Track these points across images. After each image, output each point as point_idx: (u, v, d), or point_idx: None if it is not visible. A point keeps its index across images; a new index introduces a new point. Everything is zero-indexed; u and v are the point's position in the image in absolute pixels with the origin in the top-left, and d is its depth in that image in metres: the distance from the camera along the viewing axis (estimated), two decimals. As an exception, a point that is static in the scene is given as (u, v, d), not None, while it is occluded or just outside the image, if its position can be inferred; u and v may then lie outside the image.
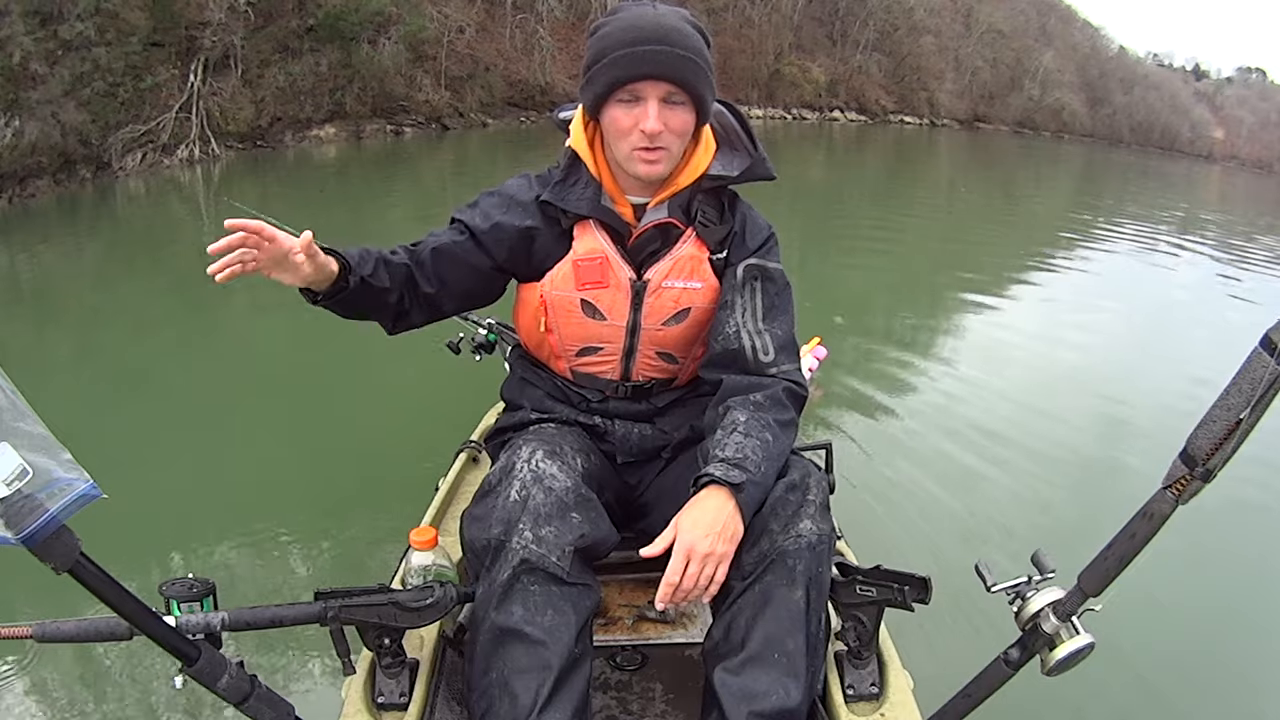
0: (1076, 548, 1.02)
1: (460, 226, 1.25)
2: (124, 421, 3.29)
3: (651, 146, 1.13)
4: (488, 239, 1.22)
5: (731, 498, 1.02)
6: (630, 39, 1.09)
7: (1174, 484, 0.84)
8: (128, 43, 11.85)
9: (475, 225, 1.23)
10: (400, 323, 1.25)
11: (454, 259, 1.22)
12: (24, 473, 0.70)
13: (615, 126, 1.14)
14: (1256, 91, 55.76)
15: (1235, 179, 31.50)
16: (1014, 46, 38.71)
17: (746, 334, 1.18)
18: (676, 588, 1.00)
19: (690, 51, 1.10)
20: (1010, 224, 10.59)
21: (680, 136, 1.15)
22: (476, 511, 1.07)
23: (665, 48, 1.08)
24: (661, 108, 1.11)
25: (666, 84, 1.10)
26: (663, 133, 1.12)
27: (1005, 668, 0.98)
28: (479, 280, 1.26)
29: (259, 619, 0.98)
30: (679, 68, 1.09)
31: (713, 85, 1.14)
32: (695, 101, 1.13)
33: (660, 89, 1.10)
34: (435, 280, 1.22)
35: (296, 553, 2.43)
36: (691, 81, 1.10)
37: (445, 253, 1.22)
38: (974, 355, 4.71)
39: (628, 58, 1.09)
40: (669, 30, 1.09)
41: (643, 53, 1.08)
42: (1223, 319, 6.14)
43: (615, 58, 1.09)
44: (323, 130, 15.12)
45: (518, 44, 19.60)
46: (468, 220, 1.24)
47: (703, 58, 1.12)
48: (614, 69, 1.10)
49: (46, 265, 6.78)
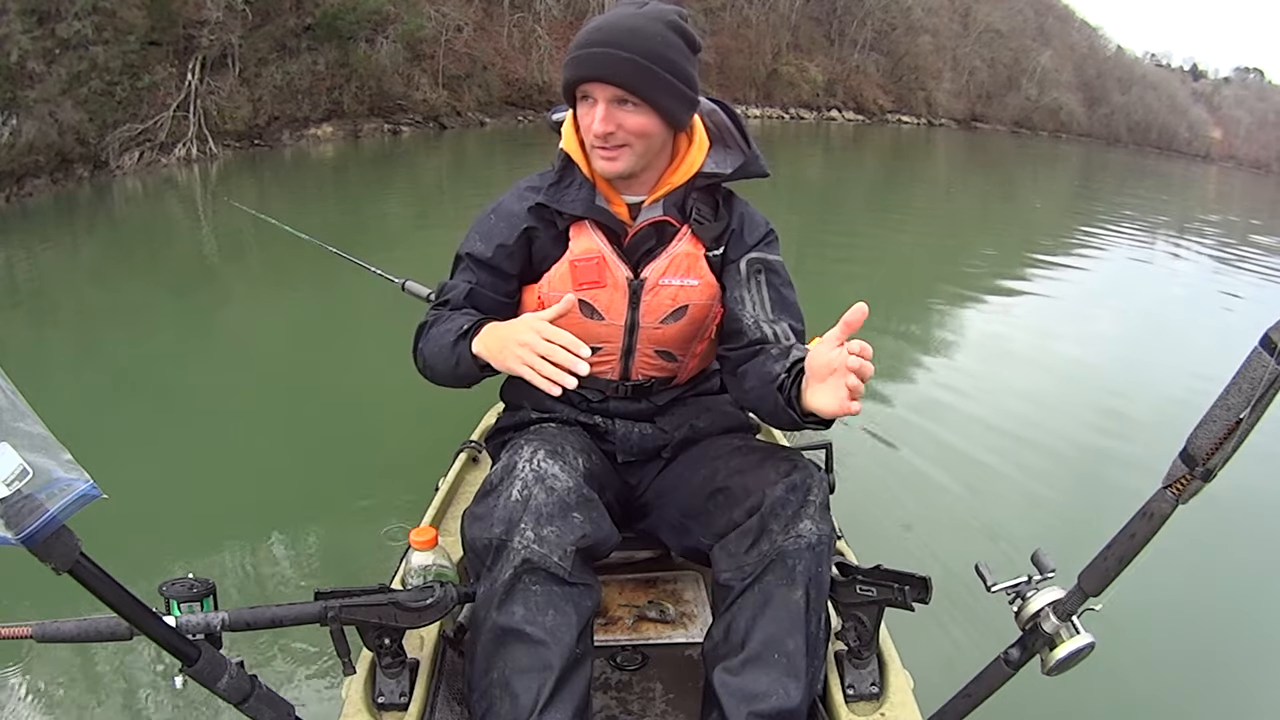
0: (1077, 548, 1.03)
1: (468, 263, 1.26)
2: (124, 421, 3.28)
3: (607, 145, 1.13)
4: (497, 262, 1.24)
5: None
6: (585, 40, 1.11)
7: (1174, 484, 0.84)
8: (125, 41, 11.83)
9: (481, 255, 1.24)
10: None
11: (483, 294, 1.24)
12: (24, 473, 0.70)
13: (581, 124, 1.16)
14: (1254, 92, 55.83)
15: (1233, 179, 31.54)
16: (1011, 46, 38.74)
17: (767, 324, 1.19)
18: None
19: (641, 55, 1.08)
20: (1009, 224, 10.59)
21: (640, 137, 1.13)
22: (478, 511, 1.07)
23: (611, 50, 1.08)
24: (613, 109, 1.11)
25: (611, 87, 1.10)
26: (615, 132, 1.12)
27: (1005, 667, 0.99)
28: (512, 304, 1.27)
29: (259, 619, 0.98)
30: (622, 71, 1.08)
31: (674, 89, 1.12)
32: (650, 106, 1.11)
33: (607, 91, 1.11)
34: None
35: (296, 553, 2.43)
36: (636, 86, 1.09)
37: (476, 292, 1.24)
38: (974, 355, 4.71)
39: (578, 59, 1.11)
40: (626, 33, 1.09)
41: (588, 55, 1.09)
42: (1222, 318, 6.15)
43: (570, 58, 1.12)
44: (320, 129, 15.10)
45: (515, 43, 19.59)
46: (474, 252, 1.25)
47: (660, 60, 1.09)
48: (568, 69, 1.13)
49: (44, 264, 6.76)
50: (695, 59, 1.15)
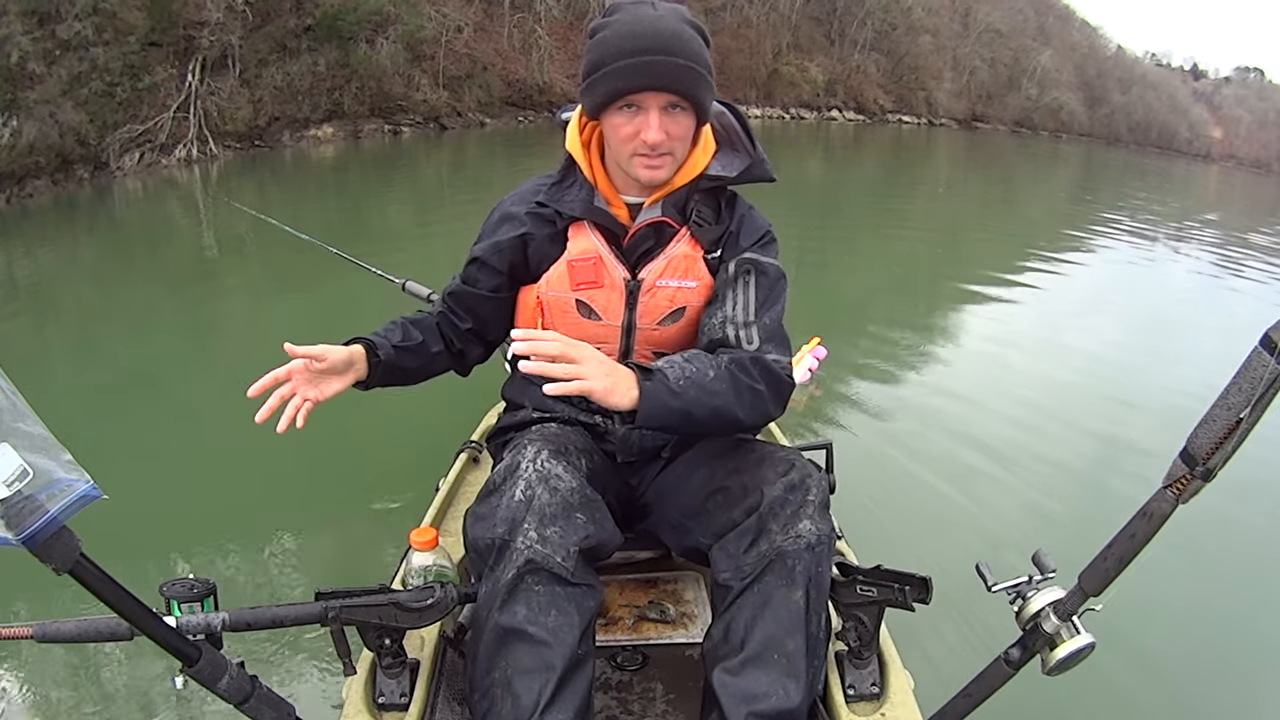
0: (1077, 547, 1.02)
1: (471, 259, 1.31)
2: (124, 422, 3.29)
3: (655, 153, 1.13)
4: (494, 260, 1.27)
5: (632, 376, 1.01)
6: (630, 48, 1.07)
7: (1174, 483, 0.84)
8: (125, 42, 11.84)
9: (483, 254, 1.28)
10: (463, 363, 1.38)
11: (469, 293, 1.31)
12: (24, 473, 0.70)
13: (617, 134, 1.14)
14: (1255, 91, 55.81)
15: (1233, 178, 31.52)
16: (1012, 46, 38.73)
17: (733, 326, 1.17)
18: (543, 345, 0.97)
19: (691, 59, 1.09)
20: (1009, 224, 10.58)
21: (682, 141, 1.15)
22: (480, 510, 1.07)
23: (666, 58, 1.07)
24: (662, 116, 1.11)
25: (668, 94, 1.10)
26: (664, 140, 1.12)
27: (1006, 667, 0.98)
28: (504, 301, 1.32)
29: (259, 619, 0.98)
30: (680, 78, 1.08)
31: (712, 89, 1.14)
32: (696, 108, 1.13)
33: (661, 99, 1.10)
34: (468, 315, 1.32)
35: (297, 553, 2.43)
36: (693, 91, 1.10)
37: (460, 292, 1.32)
38: (974, 354, 4.71)
39: (628, 69, 1.08)
40: (669, 38, 1.08)
41: (644, 64, 1.07)
42: (1222, 318, 6.14)
43: (616, 68, 1.08)
44: (320, 130, 15.11)
45: (516, 44, 19.59)
46: (478, 252, 1.30)
47: (703, 63, 1.11)
48: (614, 79, 1.09)
49: (45, 265, 6.77)
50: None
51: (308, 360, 1.12)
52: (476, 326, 1.33)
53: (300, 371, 1.12)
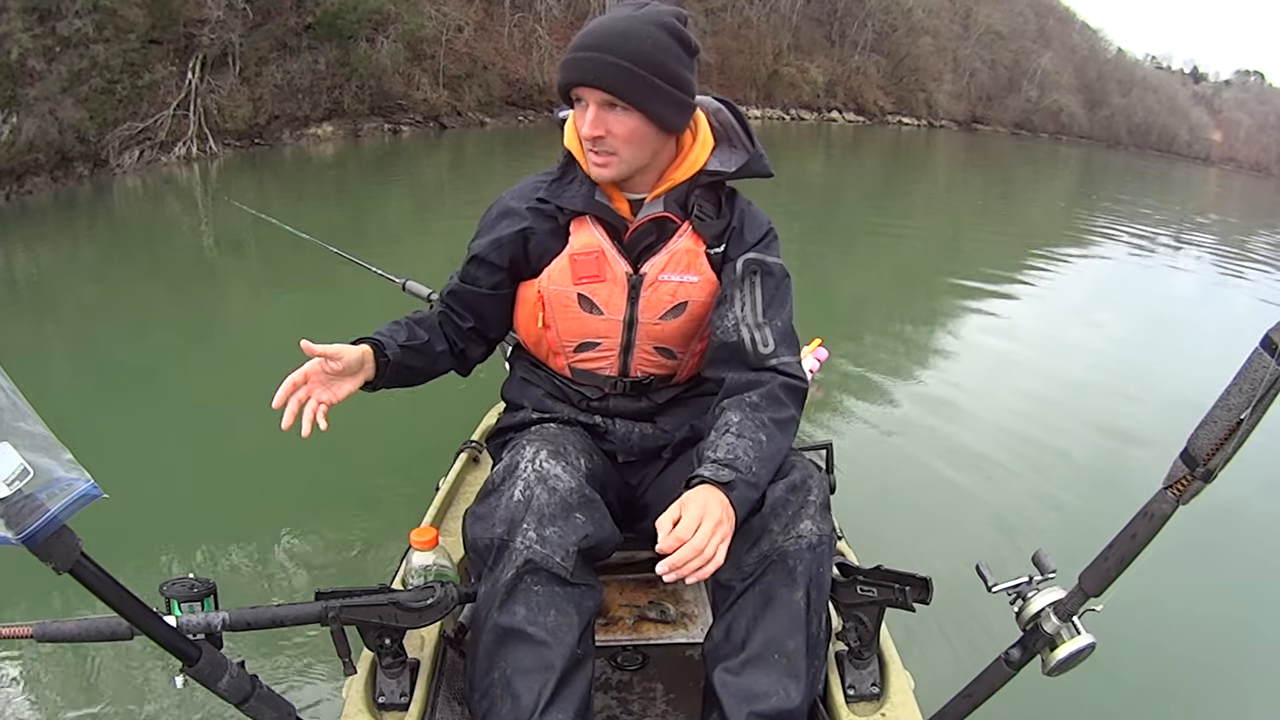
0: (1077, 548, 1.03)
1: (468, 260, 1.30)
2: (124, 421, 3.28)
3: (597, 150, 1.15)
4: (494, 256, 1.26)
5: (722, 495, 1.00)
6: (578, 43, 1.12)
7: (1175, 484, 0.84)
8: (126, 40, 11.82)
9: (482, 251, 1.27)
10: (465, 363, 1.36)
11: (470, 291, 1.30)
12: (25, 472, 0.70)
13: (576, 125, 1.17)
14: (1255, 94, 55.88)
15: (1233, 181, 31.54)
16: (1012, 48, 38.75)
17: (746, 328, 1.18)
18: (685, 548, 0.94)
19: (629, 59, 1.08)
20: (1008, 225, 10.59)
21: (629, 142, 1.13)
22: (480, 510, 1.07)
23: (598, 55, 1.08)
24: (602, 112, 1.12)
25: (599, 91, 1.10)
26: (604, 137, 1.13)
27: (1006, 668, 0.99)
28: (505, 298, 1.31)
29: (260, 619, 0.98)
30: (608, 76, 1.09)
31: (662, 92, 1.11)
32: (640, 110, 1.11)
33: (595, 95, 1.11)
34: (468, 314, 1.31)
35: (297, 553, 2.43)
36: (622, 90, 1.09)
37: (460, 291, 1.30)
38: (975, 355, 4.71)
39: (569, 63, 1.12)
40: (616, 36, 1.09)
41: (578, 59, 1.10)
42: (1222, 319, 6.15)
43: (563, 61, 1.13)
44: (320, 129, 15.09)
45: (516, 43, 19.59)
46: (476, 250, 1.28)
47: (648, 64, 1.09)
48: (561, 73, 1.14)
49: (44, 263, 6.76)
50: (692, 61, 1.15)
51: (323, 360, 1.11)
52: (478, 325, 1.32)
53: (315, 373, 1.11)
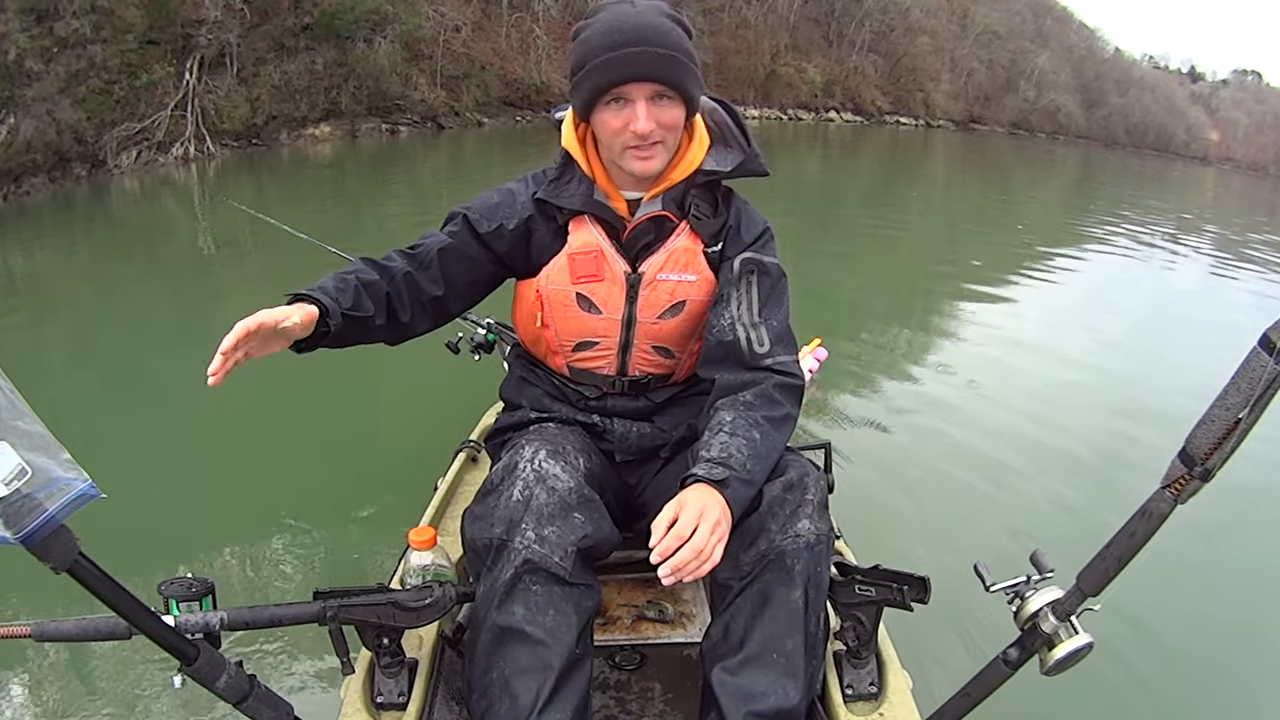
0: (1075, 547, 1.03)
1: (460, 221, 1.24)
2: (122, 420, 3.28)
3: (643, 145, 1.14)
4: (489, 234, 1.23)
5: (717, 494, 1.00)
6: (612, 42, 1.09)
7: (1172, 483, 0.84)
8: (123, 40, 11.82)
9: (476, 220, 1.23)
10: (399, 335, 1.22)
11: (459, 255, 1.22)
12: (23, 472, 0.70)
13: (606, 129, 1.14)
14: (1252, 94, 55.97)
15: (1231, 181, 31.59)
16: (1010, 48, 38.80)
17: (742, 327, 1.18)
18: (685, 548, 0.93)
19: (672, 48, 1.10)
20: (1007, 225, 10.60)
21: (673, 131, 1.15)
22: (478, 510, 1.07)
23: (647, 48, 1.08)
24: (650, 106, 1.11)
25: (653, 84, 1.10)
26: (654, 130, 1.12)
27: (1004, 667, 0.99)
28: (482, 277, 1.26)
29: (258, 619, 0.98)
30: (663, 67, 1.09)
31: (698, 78, 1.14)
32: (683, 97, 1.13)
33: (647, 89, 1.11)
34: (442, 281, 1.22)
35: (295, 552, 2.42)
36: (677, 79, 1.11)
37: (450, 251, 1.22)
38: (973, 355, 4.71)
39: (611, 61, 1.09)
40: (649, 30, 1.09)
41: (626, 55, 1.08)
42: (1221, 319, 6.16)
43: (599, 63, 1.10)
44: (318, 129, 15.10)
45: (514, 43, 19.60)
46: (469, 215, 1.24)
47: (685, 52, 1.12)
48: (599, 74, 1.10)
49: (42, 263, 6.75)
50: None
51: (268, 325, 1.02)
52: (444, 295, 1.22)
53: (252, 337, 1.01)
